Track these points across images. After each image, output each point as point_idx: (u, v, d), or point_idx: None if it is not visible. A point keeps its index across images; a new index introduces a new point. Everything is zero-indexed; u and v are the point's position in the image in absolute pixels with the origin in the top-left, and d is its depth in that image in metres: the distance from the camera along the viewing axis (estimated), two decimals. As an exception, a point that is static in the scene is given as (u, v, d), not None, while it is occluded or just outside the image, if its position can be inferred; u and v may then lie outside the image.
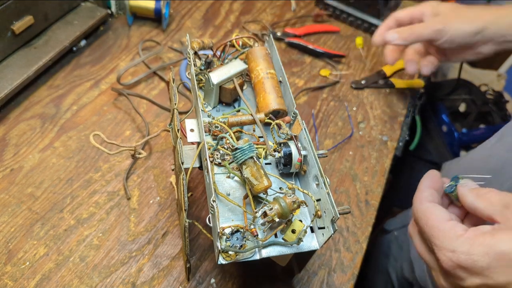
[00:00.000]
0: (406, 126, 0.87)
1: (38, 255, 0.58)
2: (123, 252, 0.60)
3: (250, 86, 0.62)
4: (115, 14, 0.93)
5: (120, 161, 0.70)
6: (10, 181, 0.65)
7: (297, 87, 0.88)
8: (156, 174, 0.69)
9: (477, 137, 1.20)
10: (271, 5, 1.06)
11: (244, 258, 0.45)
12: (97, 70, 0.83)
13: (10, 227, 0.60)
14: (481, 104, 1.21)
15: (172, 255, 0.61)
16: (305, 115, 0.83)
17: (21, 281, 0.55)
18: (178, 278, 0.59)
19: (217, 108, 0.59)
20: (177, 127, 0.51)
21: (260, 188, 0.46)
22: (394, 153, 0.81)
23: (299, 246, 0.47)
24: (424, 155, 1.12)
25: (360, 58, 0.97)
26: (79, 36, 0.82)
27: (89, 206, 0.64)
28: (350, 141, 0.81)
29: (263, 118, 0.54)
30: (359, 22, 1.03)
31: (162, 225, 0.63)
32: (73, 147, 0.70)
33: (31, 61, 0.74)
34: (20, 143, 0.69)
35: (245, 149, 0.47)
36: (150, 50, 0.89)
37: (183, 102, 0.81)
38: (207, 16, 0.99)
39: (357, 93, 0.90)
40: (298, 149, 0.51)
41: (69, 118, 0.74)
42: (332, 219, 0.44)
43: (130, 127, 0.75)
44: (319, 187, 0.49)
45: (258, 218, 0.45)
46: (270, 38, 0.64)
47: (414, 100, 0.92)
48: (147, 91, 0.81)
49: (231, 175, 0.51)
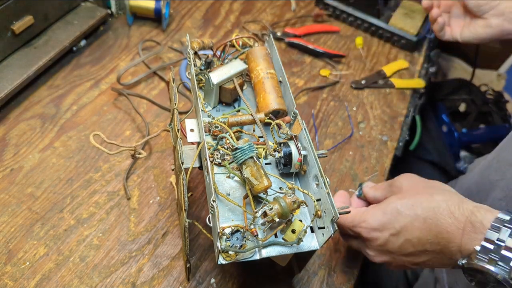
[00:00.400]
0: (406, 126, 0.87)
1: (38, 255, 0.58)
2: (123, 252, 0.60)
3: (250, 86, 0.62)
4: (115, 14, 0.93)
5: (120, 161, 0.70)
6: (10, 181, 0.65)
7: (297, 87, 0.88)
8: (156, 174, 0.69)
9: (477, 137, 1.20)
10: (271, 5, 1.06)
11: (244, 258, 0.45)
12: (97, 70, 0.83)
13: (10, 227, 0.60)
14: (481, 104, 1.21)
15: (172, 255, 0.61)
16: (305, 115, 0.83)
17: (21, 281, 0.55)
18: (178, 278, 0.59)
19: (217, 108, 0.59)
20: (177, 127, 0.51)
21: (260, 188, 0.46)
22: (394, 153, 0.81)
23: (299, 246, 0.47)
24: (424, 155, 1.12)
25: (360, 58, 0.97)
26: (79, 36, 0.82)
27: (89, 206, 0.64)
28: (350, 141, 0.81)
29: (263, 118, 0.54)
30: (359, 22, 1.03)
31: (162, 225, 0.63)
32: (73, 147, 0.70)
33: (31, 61, 0.74)
34: (20, 143, 0.69)
35: (245, 149, 0.47)
36: (150, 50, 0.89)
37: (183, 102, 0.81)
38: (207, 16, 0.99)
39: (357, 93, 0.90)
40: (298, 149, 0.51)
41: (69, 118, 0.74)
42: (332, 219, 0.44)
43: (130, 127, 0.75)
44: (319, 187, 0.49)
45: (258, 218, 0.45)
46: (270, 38, 0.64)
47: (414, 100, 0.92)
48: (147, 91, 0.81)
49: (231, 175, 0.51)
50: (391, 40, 1.01)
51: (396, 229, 0.50)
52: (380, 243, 0.52)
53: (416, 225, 0.49)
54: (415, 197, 0.51)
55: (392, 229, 0.51)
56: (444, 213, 0.48)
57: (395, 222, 0.51)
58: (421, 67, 0.98)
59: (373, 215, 0.52)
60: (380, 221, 0.51)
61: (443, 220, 0.47)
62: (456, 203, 0.48)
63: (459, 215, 0.47)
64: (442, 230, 0.47)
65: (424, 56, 1.01)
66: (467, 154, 1.19)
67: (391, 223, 0.51)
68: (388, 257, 0.53)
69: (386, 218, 0.51)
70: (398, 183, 0.56)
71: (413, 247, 0.50)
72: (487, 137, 1.18)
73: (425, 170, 1.10)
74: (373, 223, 0.52)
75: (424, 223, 0.49)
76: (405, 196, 0.52)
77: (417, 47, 1.01)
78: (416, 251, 0.50)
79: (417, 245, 0.50)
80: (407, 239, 0.50)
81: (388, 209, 0.52)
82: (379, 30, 1.01)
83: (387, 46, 1.01)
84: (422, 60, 1.00)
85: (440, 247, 0.48)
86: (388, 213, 0.51)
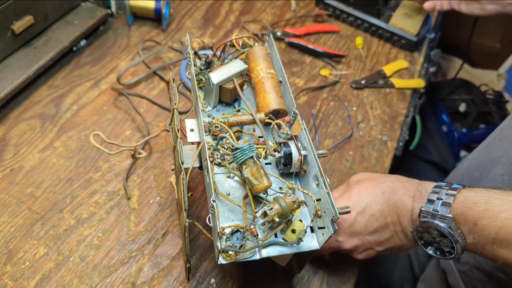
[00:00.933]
0: (406, 126, 0.87)
1: (38, 255, 0.58)
2: (123, 252, 0.60)
3: (250, 86, 0.62)
4: (115, 14, 0.93)
5: (120, 161, 0.70)
6: (10, 181, 0.65)
7: (297, 87, 0.88)
8: (156, 174, 0.69)
9: (477, 137, 1.20)
10: (271, 5, 1.06)
11: (244, 258, 0.45)
12: (97, 70, 0.83)
13: (10, 227, 0.60)
14: (481, 104, 1.21)
15: (172, 255, 0.61)
16: (305, 115, 0.83)
17: (21, 281, 0.55)
18: (178, 278, 0.59)
19: (217, 108, 0.59)
20: (177, 127, 0.51)
21: (260, 188, 0.46)
22: (394, 153, 0.81)
23: (299, 246, 0.47)
24: (424, 155, 1.12)
25: (360, 58, 0.97)
26: (79, 36, 0.82)
27: (89, 206, 0.64)
28: (350, 141, 0.81)
29: (263, 118, 0.54)
30: (359, 22, 1.03)
31: (162, 225, 0.63)
32: (73, 147, 0.70)
33: (31, 61, 0.74)
34: (20, 143, 0.69)
35: (245, 149, 0.47)
36: (150, 50, 0.89)
37: (183, 102, 0.81)
38: (207, 16, 0.99)
39: (357, 93, 0.90)
40: (298, 149, 0.51)
41: (69, 118, 0.74)
42: (332, 219, 0.44)
43: (130, 127, 0.75)
44: (319, 187, 0.49)
45: (258, 218, 0.45)
46: (270, 38, 0.64)
47: (414, 100, 0.92)
48: (147, 91, 0.81)
49: (231, 175, 0.51)
50: (391, 40, 1.01)
51: (361, 207, 0.57)
52: (348, 223, 0.57)
53: (377, 200, 0.57)
54: (373, 181, 0.59)
55: (358, 208, 0.57)
56: (398, 186, 0.56)
57: (359, 202, 0.57)
58: (421, 67, 0.98)
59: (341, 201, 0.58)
60: (347, 203, 0.57)
61: (398, 192, 0.56)
62: (406, 180, 0.57)
63: (409, 187, 0.56)
64: (398, 200, 0.55)
65: (424, 56, 1.01)
66: (467, 154, 1.19)
67: (357, 203, 0.57)
68: (356, 240, 0.58)
69: (351, 201, 0.57)
70: (355, 178, 0.62)
71: (377, 222, 0.56)
72: (487, 137, 1.18)
73: (425, 170, 1.11)
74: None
75: (382, 197, 0.57)
76: (365, 182, 0.59)
77: (417, 47, 1.01)
78: (379, 226, 0.56)
79: (380, 218, 0.56)
80: (372, 214, 0.56)
81: (352, 193, 0.58)
82: (379, 30, 1.01)
83: (387, 46, 1.01)
84: (422, 60, 1.00)
85: (396, 215, 0.55)
86: (353, 196, 0.58)
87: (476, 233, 0.48)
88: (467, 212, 0.49)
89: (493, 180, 0.65)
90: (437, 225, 0.50)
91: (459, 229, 0.50)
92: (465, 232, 0.49)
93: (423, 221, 0.51)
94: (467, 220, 0.49)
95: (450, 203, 0.50)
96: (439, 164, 1.11)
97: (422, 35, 1.00)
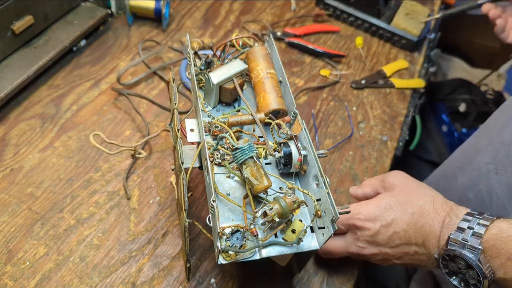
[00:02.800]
0: (406, 126, 0.87)
1: (38, 255, 0.58)
2: (123, 252, 0.60)
3: (250, 86, 0.62)
4: (115, 14, 0.93)
5: (120, 161, 0.70)
6: (10, 181, 0.65)
7: (297, 87, 0.88)
8: (156, 174, 0.69)
9: (477, 137, 1.19)
10: (271, 5, 1.06)
11: (244, 258, 0.45)
12: (97, 70, 0.83)
13: (10, 227, 0.60)
14: (481, 104, 1.21)
15: (172, 255, 0.61)
16: (305, 115, 0.83)
17: (21, 281, 0.55)
18: (178, 278, 0.59)
19: (217, 108, 0.59)
20: (177, 127, 0.51)
21: (260, 188, 0.46)
22: (394, 153, 0.81)
23: (299, 246, 0.47)
24: (424, 155, 1.12)
25: (360, 58, 0.97)
26: (79, 36, 0.82)
27: (89, 206, 0.64)
28: (350, 141, 0.81)
29: (263, 118, 0.54)
30: (359, 22, 1.03)
31: (162, 225, 0.63)
32: (73, 147, 0.70)
33: (31, 61, 0.74)
34: (20, 143, 0.69)
35: (245, 149, 0.47)
36: (150, 50, 0.89)
37: (183, 102, 0.81)
38: (207, 16, 0.99)
39: (357, 93, 0.90)
40: (298, 149, 0.51)
41: (69, 118, 0.74)
42: (332, 219, 0.44)
43: (130, 127, 0.75)
44: (319, 187, 0.49)
45: (258, 218, 0.45)
46: (270, 38, 0.64)
47: (414, 100, 0.92)
48: (147, 91, 0.81)
49: (231, 175, 0.51)
50: (391, 40, 1.01)
51: (387, 221, 0.55)
52: (371, 233, 0.55)
53: (404, 219, 0.54)
54: (407, 196, 0.56)
55: (383, 221, 0.55)
56: (429, 210, 0.53)
57: (386, 215, 0.55)
58: (421, 67, 0.98)
59: (367, 207, 0.57)
60: (374, 213, 0.56)
61: (427, 216, 0.53)
62: (440, 202, 0.54)
63: (441, 211, 0.53)
64: (425, 224, 0.53)
65: (424, 56, 1.01)
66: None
67: (383, 216, 0.55)
68: (376, 249, 0.56)
69: (379, 211, 0.56)
70: (391, 179, 0.60)
71: (400, 240, 0.54)
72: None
73: (425, 170, 1.10)
74: (367, 215, 0.56)
75: (411, 217, 0.54)
76: (398, 194, 0.57)
77: (417, 47, 1.01)
78: (401, 243, 0.55)
79: (403, 237, 0.54)
80: (395, 232, 0.54)
81: (382, 203, 0.56)
82: (379, 30, 1.01)
83: (387, 46, 1.01)
84: (422, 60, 1.00)
85: (422, 239, 0.53)
86: (381, 207, 0.56)
87: (508, 268, 0.46)
88: (501, 246, 0.46)
89: (477, 168, 0.63)
90: (465, 255, 0.47)
91: (488, 263, 0.47)
92: (495, 266, 0.47)
93: (450, 249, 0.49)
94: (500, 253, 0.46)
95: (481, 234, 0.47)
96: (439, 164, 1.10)
97: (422, 35, 1.00)
